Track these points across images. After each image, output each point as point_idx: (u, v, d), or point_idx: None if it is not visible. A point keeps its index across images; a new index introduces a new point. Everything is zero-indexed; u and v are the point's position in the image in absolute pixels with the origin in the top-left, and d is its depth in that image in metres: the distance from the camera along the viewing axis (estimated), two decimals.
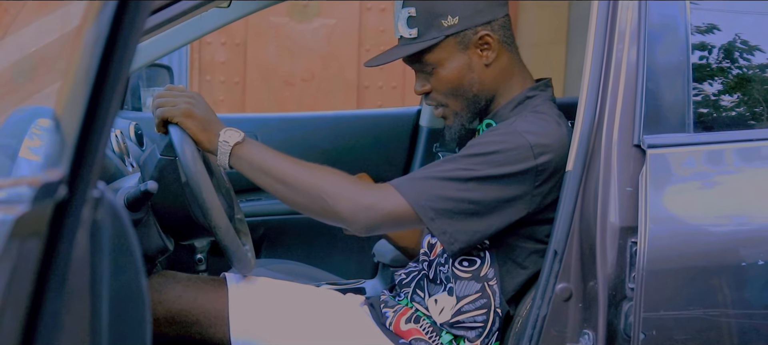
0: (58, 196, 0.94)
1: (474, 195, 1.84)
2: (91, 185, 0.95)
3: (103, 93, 0.91)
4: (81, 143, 0.93)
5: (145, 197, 1.88)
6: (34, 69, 1.54)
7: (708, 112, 1.89)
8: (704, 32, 1.89)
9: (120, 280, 1.01)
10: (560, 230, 1.77)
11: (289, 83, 5.97)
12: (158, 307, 1.96)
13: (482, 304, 1.94)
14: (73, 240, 0.93)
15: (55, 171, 0.94)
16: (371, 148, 3.25)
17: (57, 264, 0.92)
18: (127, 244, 1.01)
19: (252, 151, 1.89)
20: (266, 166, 1.88)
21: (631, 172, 1.76)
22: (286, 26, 5.91)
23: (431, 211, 1.84)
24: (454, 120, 2.03)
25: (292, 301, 2.06)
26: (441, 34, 1.94)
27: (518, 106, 1.99)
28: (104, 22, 0.90)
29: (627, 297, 1.74)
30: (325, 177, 1.88)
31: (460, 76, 1.97)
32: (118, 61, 0.89)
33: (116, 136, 2.38)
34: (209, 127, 1.89)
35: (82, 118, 0.92)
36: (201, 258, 2.18)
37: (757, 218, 1.82)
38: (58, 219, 0.97)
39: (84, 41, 0.94)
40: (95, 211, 0.97)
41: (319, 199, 1.85)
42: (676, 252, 1.76)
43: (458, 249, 1.87)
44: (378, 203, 1.85)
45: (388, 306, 2.07)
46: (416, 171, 1.93)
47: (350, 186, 1.88)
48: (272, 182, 1.88)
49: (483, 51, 1.96)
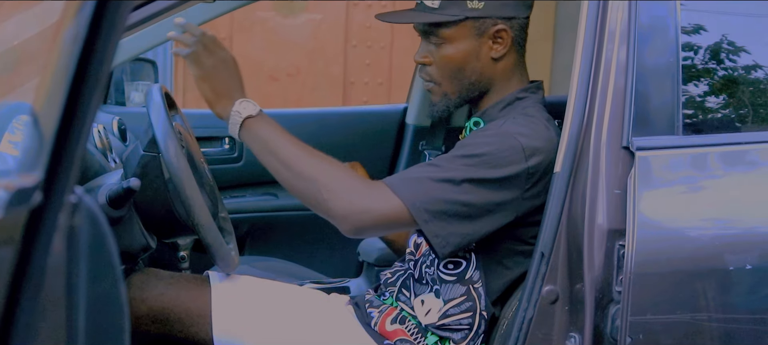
0: (33, 202, 0.91)
1: (467, 197, 1.82)
2: (68, 190, 0.92)
3: (81, 95, 0.88)
4: (57, 147, 0.90)
5: (127, 194, 1.86)
6: (19, 62, 1.51)
7: (697, 114, 1.88)
8: (694, 33, 1.88)
9: (97, 287, 0.98)
10: (547, 232, 1.76)
11: (274, 78, 5.94)
12: (140, 304, 1.95)
13: (468, 307, 1.93)
14: (49, 247, 0.90)
15: (30, 176, 0.91)
16: (357, 146, 3.24)
17: (32, 271, 0.89)
18: (105, 250, 0.98)
19: (262, 128, 1.86)
20: (273, 145, 1.85)
21: (620, 175, 1.74)
22: (272, 21, 5.88)
23: (426, 213, 1.81)
24: (440, 100, 2.01)
25: (275, 300, 2.04)
26: (462, 13, 1.92)
27: (507, 107, 1.98)
28: (83, 20, 0.87)
29: (614, 300, 1.72)
30: (327, 171, 1.83)
31: (464, 60, 1.96)
32: (96, 63, 0.86)
33: (99, 131, 2.36)
34: (226, 94, 1.87)
35: (58, 120, 0.89)
36: (184, 256, 2.16)
37: (745, 222, 1.82)
38: (34, 225, 0.95)
39: (62, 39, 0.91)
40: (72, 216, 0.94)
41: (317, 191, 1.81)
42: (663, 255, 1.75)
43: (449, 252, 1.85)
44: (373, 206, 1.81)
45: (373, 306, 2.05)
46: (408, 170, 1.89)
47: (349, 186, 1.82)
48: (275, 162, 1.85)
49: (495, 44, 1.95)
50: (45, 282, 0.91)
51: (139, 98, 3.32)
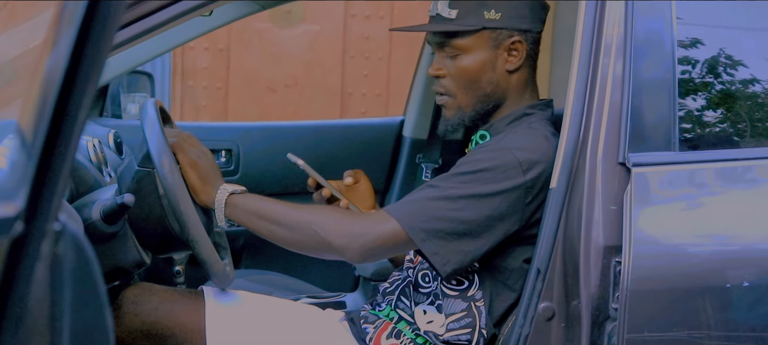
0: (13, 233, 0.89)
1: (464, 214, 1.82)
2: (51, 218, 0.91)
3: (65, 120, 0.86)
4: (40, 174, 0.89)
5: (121, 210, 1.85)
6: (16, 75, 1.50)
7: (694, 130, 1.87)
8: (691, 47, 1.88)
9: (82, 315, 0.96)
10: (543, 248, 1.75)
11: (271, 89, 5.94)
12: (134, 319, 1.94)
13: (467, 323, 1.92)
14: (31, 276, 0.89)
15: (11, 205, 0.89)
16: (354, 158, 3.22)
17: (13, 302, 0.88)
18: (91, 277, 0.96)
19: (247, 199, 1.92)
20: (260, 210, 1.91)
21: (616, 191, 1.74)
22: (270, 32, 5.88)
23: (422, 232, 1.82)
24: (456, 112, 2.00)
25: (269, 316, 2.03)
26: (479, 23, 1.93)
27: (514, 122, 1.97)
28: (66, 45, 0.86)
29: (610, 317, 1.72)
30: (316, 212, 1.91)
31: (480, 71, 1.96)
32: (79, 93, 0.85)
33: (94, 145, 2.35)
34: (208, 181, 1.93)
35: (41, 146, 0.87)
36: (179, 270, 2.15)
37: (742, 239, 1.81)
38: (15, 255, 0.93)
39: (46, 64, 0.89)
40: (56, 244, 0.93)
41: (313, 232, 1.86)
42: (660, 272, 1.74)
43: (451, 270, 1.84)
44: (369, 229, 1.85)
45: (368, 321, 2.04)
46: (407, 195, 1.92)
47: (341, 217, 1.89)
48: (267, 225, 1.90)
49: (510, 56, 1.95)
50: (27, 312, 0.89)
51: (136, 110, 3.31)
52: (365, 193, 2.14)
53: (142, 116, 1.91)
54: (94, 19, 0.89)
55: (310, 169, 2.03)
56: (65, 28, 0.89)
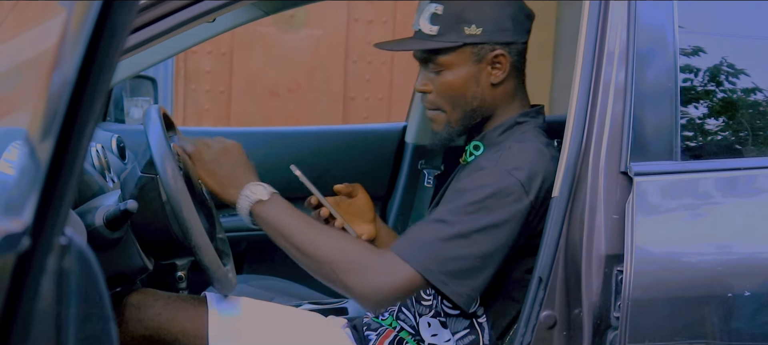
0: (20, 247, 0.89)
1: (480, 248, 1.79)
2: (57, 232, 0.91)
3: (73, 135, 0.86)
4: (47, 189, 0.89)
5: (124, 216, 1.85)
6: (21, 80, 1.50)
7: (696, 139, 1.87)
8: (693, 56, 1.88)
9: (88, 329, 0.96)
10: (545, 257, 1.75)
11: (274, 93, 5.94)
12: (137, 324, 1.95)
13: (471, 341, 1.92)
14: (38, 290, 0.89)
15: (18, 220, 0.89)
16: (356, 164, 3.23)
17: (20, 316, 0.88)
18: (97, 291, 0.96)
19: (271, 213, 1.85)
20: (286, 230, 1.84)
21: (618, 200, 1.74)
22: (273, 36, 5.88)
23: (443, 275, 1.78)
24: (444, 128, 1.98)
25: (272, 323, 2.03)
26: (460, 39, 1.91)
27: (507, 132, 1.96)
28: (73, 63, 0.86)
29: (612, 326, 1.72)
30: (340, 251, 1.83)
31: (464, 86, 1.94)
32: (87, 106, 0.85)
33: (97, 150, 2.35)
34: (231, 182, 1.87)
35: (49, 160, 0.88)
36: (182, 276, 2.15)
37: (743, 248, 1.81)
38: (22, 269, 0.94)
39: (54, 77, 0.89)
40: (62, 259, 0.93)
41: (332, 272, 1.81)
42: (662, 281, 1.74)
43: (471, 302, 1.83)
44: (386, 282, 1.79)
45: (370, 329, 2.04)
46: (414, 232, 1.86)
47: (362, 263, 1.81)
48: (290, 247, 1.85)
49: (494, 69, 1.93)
50: (33, 326, 0.90)
51: (139, 115, 3.31)
52: (364, 207, 2.12)
53: (146, 122, 1.91)
54: (103, 32, 0.89)
55: (309, 185, 2.00)
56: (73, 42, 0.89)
